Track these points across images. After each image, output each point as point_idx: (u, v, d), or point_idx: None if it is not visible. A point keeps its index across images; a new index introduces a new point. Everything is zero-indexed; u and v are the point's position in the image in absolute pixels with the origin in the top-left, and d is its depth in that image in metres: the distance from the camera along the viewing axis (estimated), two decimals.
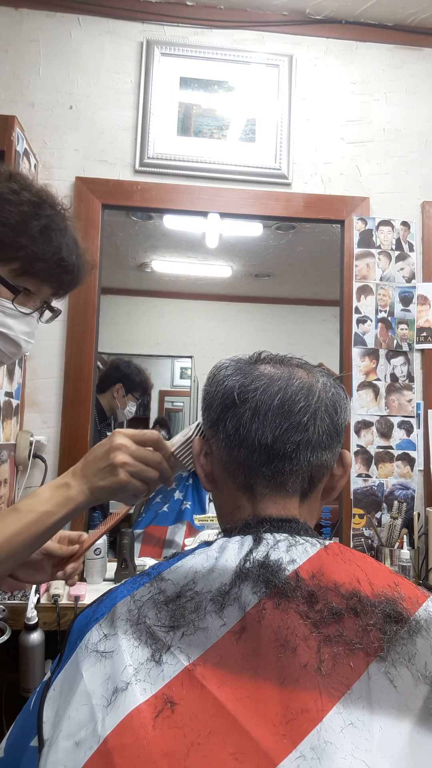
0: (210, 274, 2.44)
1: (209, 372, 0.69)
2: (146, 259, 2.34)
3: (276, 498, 0.63)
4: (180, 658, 0.51)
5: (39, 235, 0.83)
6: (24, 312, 0.87)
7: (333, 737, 0.46)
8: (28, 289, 0.86)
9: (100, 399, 2.19)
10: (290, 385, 0.63)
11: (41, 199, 0.85)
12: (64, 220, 0.88)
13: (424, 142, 1.96)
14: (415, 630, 0.52)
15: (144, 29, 1.87)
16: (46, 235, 0.84)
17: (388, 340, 1.86)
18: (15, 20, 1.82)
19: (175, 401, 2.63)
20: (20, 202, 0.82)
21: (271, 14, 1.91)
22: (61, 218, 0.87)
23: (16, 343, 0.90)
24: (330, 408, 0.64)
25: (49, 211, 0.85)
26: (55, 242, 0.85)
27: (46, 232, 0.84)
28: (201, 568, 0.57)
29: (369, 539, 1.78)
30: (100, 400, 2.19)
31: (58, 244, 0.85)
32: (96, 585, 1.57)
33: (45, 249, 0.83)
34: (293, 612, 0.52)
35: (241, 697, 0.48)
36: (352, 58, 1.95)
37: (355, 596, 0.53)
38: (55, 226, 0.85)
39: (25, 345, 0.92)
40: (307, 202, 1.87)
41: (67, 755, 0.48)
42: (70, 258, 0.88)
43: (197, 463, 0.70)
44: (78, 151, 1.82)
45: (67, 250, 0.87)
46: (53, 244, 0.84)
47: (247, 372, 0.65)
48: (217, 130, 1.87)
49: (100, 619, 0.57)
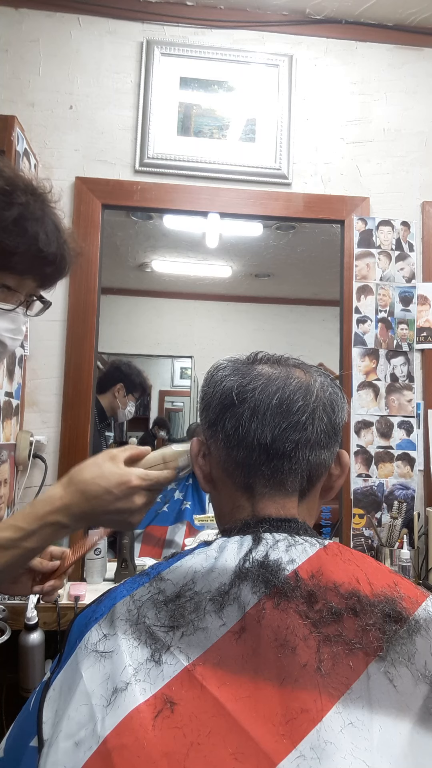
0: (210, 274, 2.44)
1: (207, 373, 0.69)
2: (146, 259, 2.34)
3: (275, 497, 0.63)
4: (180, 658, 0.51)
5: (12, 226, 0.76)
6: (5, 309, 0.82)
7: (333, 737, 0.46)
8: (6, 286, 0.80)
9: (100, 399, 2.20)
10: (288, 385, 0.63)
11: (13, 186, 0.78)
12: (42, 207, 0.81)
13: (424, 142, 1.96)
14: (415, 629, 0.52)
15: (144, 29, 1.87)
16: (20, 226, 0.77)
17: (388, 340, 1.86)
18: (15, 20, 1.82)
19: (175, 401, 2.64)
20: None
21: (271, 14, 1.91)
22: (38, 205, 0.80)
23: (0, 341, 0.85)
24: (328, 407, 0.64)
25: (22, 199, 0.78)
26: (31, 232, 0.78)
27: (19, 223, 0.77)
28: (200, 568, 0.57)
29: (369, 539, 1.78)
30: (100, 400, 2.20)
31: (34, 234, 0.78)
32: (96, 585, 1.57)
33: (19, 241, 0.77)
34: (293, 612, 0.52)
35: (241, 697, 0.48)
36: (352, 58, 1.95)
37: (354, 596, 0.53)
38: (30, 215, 0.78)
39: (10, 343, 0.87)
40: (307, 202, 1.87)
41: (66, 755, 0.48)
42: (49, 248, 0.81)
43: (195, 465, 0.70)
44: (78, 151, 1.82)
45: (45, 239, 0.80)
46: (29, 235, 0.78)
47: (245, 372, 0.65)
48: (217, 130, 1.87)
49: (100, 619, 0.57)
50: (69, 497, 0.68)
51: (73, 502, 0.67)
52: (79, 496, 0.67)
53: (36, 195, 0.80)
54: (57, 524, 0.67)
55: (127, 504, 0.68)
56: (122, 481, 0.68)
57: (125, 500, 0.68)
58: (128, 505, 0.68)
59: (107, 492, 0.68)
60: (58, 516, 0.67)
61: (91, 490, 0.68)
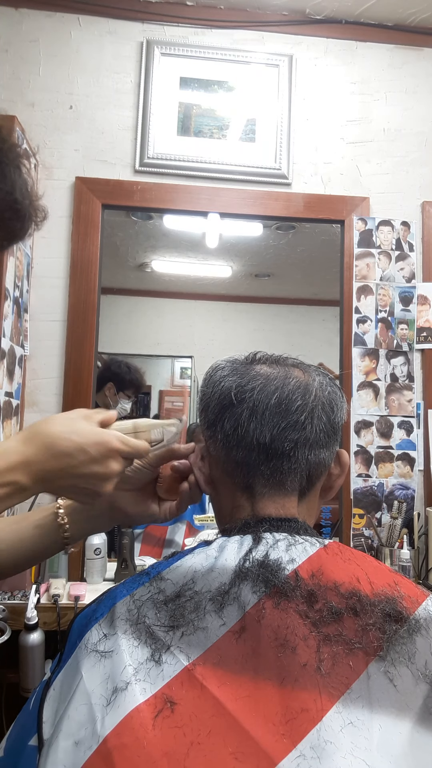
0: (210, 274, 2.44)
1: (205, 373, 0.69)
2: (146, 259, 2.34)
3: (275, 497, 0.63)
4: (180, 657, 0.51)
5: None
6: None
7: (333, 736, 0.46)
8: None
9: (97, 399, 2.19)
10: (287, 384, 0.63)
11: None
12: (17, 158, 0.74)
13: (424, 142, 1.96)
14: (415, 629, 0.52)
15: (144, 29, 1.87)
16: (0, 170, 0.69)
17: (388, 340, 1.86)
18: (15, 20, 1.82)
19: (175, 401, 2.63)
20: None
21: (271, 14, 1.91)
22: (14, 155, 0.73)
23: None
24: (327, 407, 0.64)
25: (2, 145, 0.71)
26: (8, 180, 0.70)
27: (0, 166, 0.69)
28: (200, 568, 0.57)
29: (369, 539, 1.78)
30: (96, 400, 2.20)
31: (11, 183, 0.70)
32: (96, 585, 1.57)
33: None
34: (293, 611, 0.52)
35: (241, 696, 0.48)
36: (352, 58, 1.95)
37: (354, 595, 0.53)
38: (9, 161, 0.71)
39: None
40: (307, 202, 1.87)
41: (66, 755, 0.48)
42: (23, 202, 0.73)
43: (196, 468, 0.70)
44: (78, 151, 1.82)
45: (20, 193, 0.72)
46: (5, 182, 0.70)
47: (244, 372, 0.65)
48: (217, 130, 1.87)
49: (100, 618, 0.57)
50: (30, 452, 0.56)
51: (36, 459, 0.56)
52: (45, 452, 0.56)
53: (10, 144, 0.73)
54: (13, 485, 0.55)
55: (102, 468, 0.58)
56: (100, 441, 0.58)
57: (101, 463, 0.58)
58: (103, 469, 0.58)
59: (81, 450, 0.57)
60: (15, 474, 0.55)
61: (61, 445, 0.56)
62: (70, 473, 0.57)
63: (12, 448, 0.56)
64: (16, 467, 0.55)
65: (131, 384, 2.27)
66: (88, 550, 1.60)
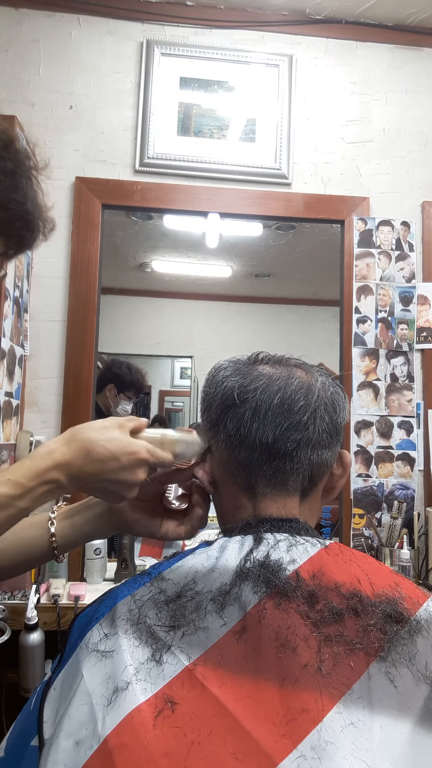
0: (210, 274, 2.44)
1: (208, 373, 0.69)
2: (146, 259, 2.34)
3: (277, 497, 0.63)
4: (180, 657, 0.51)
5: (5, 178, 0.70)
6: None
7: (333, 737, 0.46)
8: None
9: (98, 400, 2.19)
10: (289, 385, 0.63)
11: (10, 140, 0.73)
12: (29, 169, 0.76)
13: (424, 142, 1.96)
14: (416, 630, 0.52)
15: (144, 29, 1.87)
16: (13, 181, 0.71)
17: (388, 340, 1.86)
18: (15, 20, 1.82)
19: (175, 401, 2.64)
20: None
21: (271, 14, 1.91)
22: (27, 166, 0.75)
23: None
24: (329, 407, 0.65)
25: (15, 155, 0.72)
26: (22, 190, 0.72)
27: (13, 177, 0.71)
28: (201, 568, 0.57)
29: (369, 539, 1.78)
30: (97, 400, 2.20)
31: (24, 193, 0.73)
32: (96, 585, 1.57)
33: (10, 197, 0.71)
34: (294, 612, 0.52)
35: (242, 696, 0.48)
36: (352, 58, 1.95)
37: (355, 596, 0.53)
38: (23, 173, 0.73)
39: None
40: (307, 202, 1.87)
41: (67, 755, 0.48)
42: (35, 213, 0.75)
43: (200, 470, 0.69)
44: (78, 151, 1.82)
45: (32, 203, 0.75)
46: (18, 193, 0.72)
47: (246, 372, 0.65)
48: (217, 130, 1.87)
49: (101, 618, 0.57)
50: (71, 454, 0.61)
51: (75, 461, 0.61)
52: (83, 456, 0.61)
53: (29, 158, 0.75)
54: (54, 482, 0.61)
55: (130, 476, 0.63)
56: (131, 451, 0.63)
57: (130, 471, 0.63)
58: (131, 477, 0.63)
59: (114, 458, 0.62)
60: (57, 473, 0.61)
61: (97, 451, 0.62)
62: (102, 478, 0.63)
63: (56, 448, 0.62)
64: (58, 467, 0.61)
65: (132, 385, 2.27)
66: (88, 550, 1.60)
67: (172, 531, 0.73)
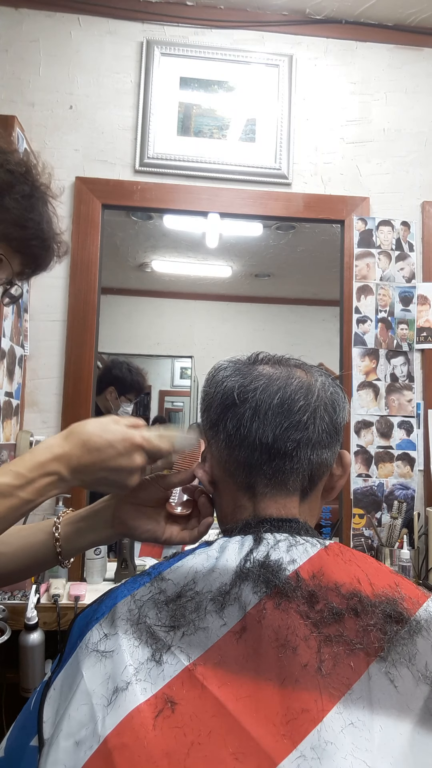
0: (210, 274, 2.44)
1: (207, 374, 0.69)
2: (146, 259, 2.34)
3: (276, 497, 0.63)
4: (180, 657, 0.51)
5: (23, 200, 0.77)
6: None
7: (333, 737, 0.46)
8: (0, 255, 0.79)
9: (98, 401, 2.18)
10: (289, 385, 0.63)
11: (27, 166, 0.80)
12: (45, 194, 0.83)
13: (424, 142, 1.96)
14: (416, 630, 0.51)
15: (144, 29, 1.87)
16: (30, 203, 0.78)
17: (388, 340, 1.86)
18: (15, 20, 1.82)
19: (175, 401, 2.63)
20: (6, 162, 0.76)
21: (271, 14, 1.91)
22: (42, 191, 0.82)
23: None
24: (329, 407, 0.65)
25: (33, 181, 0.80)
26: (37, 212, 0.79)
27: (30, 200, 0.78)
28: (201, 568, 0.57)
29: (369, 539, 1.78)
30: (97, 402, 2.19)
31: (39, 215, 0.79)
32: (96, 585, 1.57)
33: (28, 216, 0.77)
34: (294, 612, 0.52)
35: (242, 697, 0.48)
36: (351, 58, 1.95)
37: (355, 596, 0.53)
38: (40, 196, 0.80)
39: None
40: (307, 202, 1.87)
41: (67, 755, 0.48)
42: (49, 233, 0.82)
43: (200, 470, 0.70)
44: (78, 151, 1.82)
45: (47, 224, 0.81)
46: (35, 213, 0.79)
47: (246, 372, 0.65)
48: (217, 130, 1.87)
49: (101, 618, 0.57)
50: (69, 447, 0.64)
51: (74, 453, 0.64)
52: (81, 447, 0.64)
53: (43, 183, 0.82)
54: (55, 474, 0.63)
55: (128, 461, 0.66)
56: (125, 437, 0.66)
57: (127, 457, 0.66)
58: (129, 462, 0.66)
59: (110, 445, 0.65)
60: (57, 465, 0.63)
61: (93, 441, 0.65)
62: (101, 466, 0.65)
63: (55, 443, 0.65)
64: (59, 458, 0.64)
65: (132, 387, 2.26)
66: (88, 550, 1.60)
67: (176, 536, 0.74)
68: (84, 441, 0.65)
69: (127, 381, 2.25)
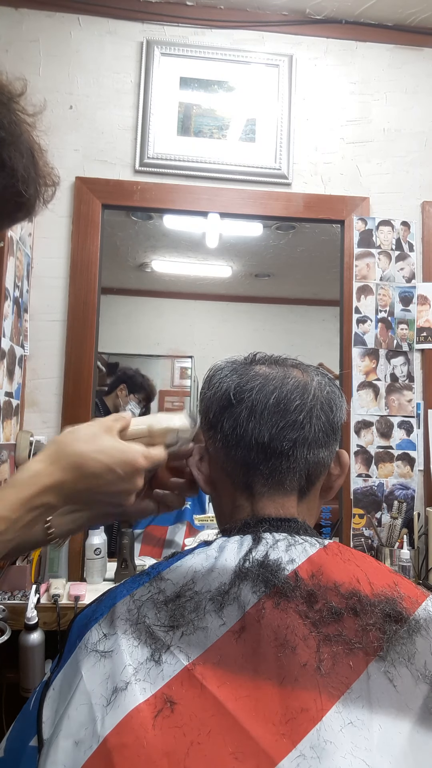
0: (210, 274, 2.44)
1: (205, 375, 0.69)
2: (146, 259, 2.34)
3: (274, 496, 0.63)
4: (179, 657, 0.51)
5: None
6: None
7: (332, 736, 0.46)
8: None
9: (106, 401, 2.29)
10: (285, 384, 0.63)
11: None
12: (17, 125, 0.60)
13: (424, 142, 1.96)
14: (415, 629, 0.52)
15: (144, 29, 1.87)
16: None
17: (388, 340, 1.86)
18: (15, 20, 1.82)
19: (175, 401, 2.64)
20: None
21: (271, 14, 1.91)
22: (13, 122, 0.60)
23: None
24: (326, 406, 0.65)
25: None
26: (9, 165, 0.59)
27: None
28: (200, 568, 0.57)
29: (369, 539, 1.78)
30: (105, 401, 2.30)
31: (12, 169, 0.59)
32: (96, 585, 1.57)
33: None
34: (293, 611, 0.52)
35: (241, 696, 0.48)
36: (351, 58, 1.95)
37: (354, 596, 0.53)
38: (9, 139, 0.58)
39: None
40: (307, 202, 1.87)
41: (66, 755, 0.48)
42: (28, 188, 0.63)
43: (195, 469, 0.69)
44: (78, 151, 1.82)
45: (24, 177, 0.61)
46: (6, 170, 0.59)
47: (243, 372, 0.65)
48: (217, 130, 1.87)
49: (100, 618, 0.57)
50: (60, 473, 0.55)
51: (66, 479, 0.55)
52: (74, 472, 0.56)
53: (9, 108, 0.60)
54: (45, 506, 0.55)
55: (129, 485, 0.59)
56: (127, 460, 0.58)
57: (128, 481, 0.58)
58: (129, 486, 0.59)
59: (110, 470, 0.57)
60: (47, 497, 0.55)
61: (89, 466, 0.56)
62: (99, 491, 0.58)
63: (42, 469, 0.56)
64: (47, 490, 0.55)
65: (143, 388, 2.38)
66: (88, 550, 1.60)
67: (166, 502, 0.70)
68: (77, 465, 0.56)
69: (137, 381, 2.38)
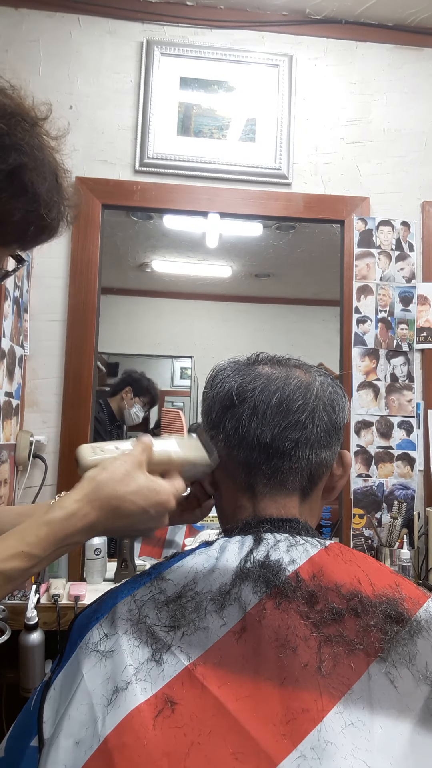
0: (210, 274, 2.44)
1: (208, 375, 0.69)
2: (146, 259, 2.34)
3: (276, 497, 0.63)
4: (180, 657, 0.51)
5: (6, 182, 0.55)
6: None
7: (333, 737, 0.46)
8: None
9: (111, 402, 2.34)
10: (288, 384, 0.63)
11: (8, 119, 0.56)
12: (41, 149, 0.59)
13: (424, 142, 1.96)
14: (416, 630, 0.51)
15: (144, 29, 1.87)
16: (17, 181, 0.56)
17: (388, 340, 1.86)
18: (15, 20, 1.82)
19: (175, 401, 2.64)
20: None
21: (271, 14, 1.91)
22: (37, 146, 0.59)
23: None
24: (328, 406, 0.64)
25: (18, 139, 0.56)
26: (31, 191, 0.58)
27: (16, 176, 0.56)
28: (201, 568, 0.57)
29: (369, 539, 1.78)
30: (110, 403, 2.35)
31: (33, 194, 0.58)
32: (96, 585, 1.57)
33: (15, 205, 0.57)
34: (293, 612, 0.52)
35: (242, 696, 0.48)
36: (351, 58, 1.95)
37: (355, 596, 0.53)
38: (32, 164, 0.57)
39: None
40: (307, 202, 1.87)
41: (67, 755, 0.48)
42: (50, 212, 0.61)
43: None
44: (78, 151, 1.81)
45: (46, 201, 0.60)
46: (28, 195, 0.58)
47: (245, 373, 0.65)
48: (217, 130, 1.87)
49: (101, 618, 0.57)
50: (95, 514, 0.57)
51: (100, 520, 0.57)
52: (110, 514, 0.57)
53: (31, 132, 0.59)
54: (75, 544, 0.57)
55: (158, 523, 0.61)
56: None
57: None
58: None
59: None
60: (79, 537, 0.57)
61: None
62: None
63: (77, 510, 0.56)
64: (81, 532, 0.57)
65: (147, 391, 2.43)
66: (88, 550, 1.60)
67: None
68: (113, 507, 0.57)
69: (143, 384, 2.42)
